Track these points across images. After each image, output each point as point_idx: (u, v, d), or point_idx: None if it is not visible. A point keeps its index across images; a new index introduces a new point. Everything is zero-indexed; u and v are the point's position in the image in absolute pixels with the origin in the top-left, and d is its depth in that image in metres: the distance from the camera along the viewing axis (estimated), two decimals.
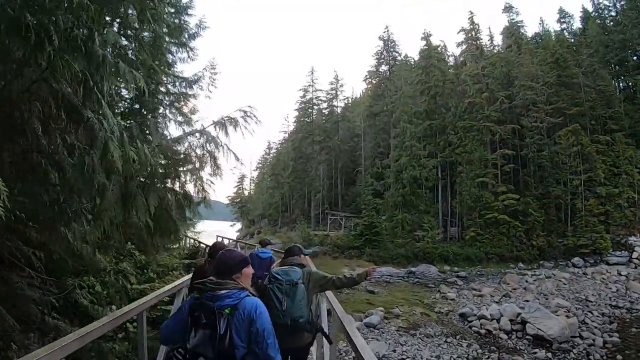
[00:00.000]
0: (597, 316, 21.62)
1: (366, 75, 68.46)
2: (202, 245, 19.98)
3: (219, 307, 2.56)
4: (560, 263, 36.04)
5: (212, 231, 38.38)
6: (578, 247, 36.89)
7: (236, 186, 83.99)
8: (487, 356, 15.94)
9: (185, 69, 15.71)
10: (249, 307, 2.64)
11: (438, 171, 44.23)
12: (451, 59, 59.44)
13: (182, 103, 15.26)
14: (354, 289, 23.91)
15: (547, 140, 42.53)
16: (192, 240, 22.83)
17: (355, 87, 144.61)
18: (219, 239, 25.11)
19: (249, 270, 2.93)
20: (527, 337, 18.01)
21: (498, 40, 61.00)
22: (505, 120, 43.25)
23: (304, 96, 63.93)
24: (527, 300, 23.89)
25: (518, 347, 17.21)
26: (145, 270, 10.41)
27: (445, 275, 31.17)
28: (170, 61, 14.74)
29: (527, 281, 29.55)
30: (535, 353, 16.49)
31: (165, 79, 14.27)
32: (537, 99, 43.53)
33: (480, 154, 40.70)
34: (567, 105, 43.66)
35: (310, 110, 63.12)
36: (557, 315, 19.76)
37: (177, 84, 15.23)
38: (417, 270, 31.76)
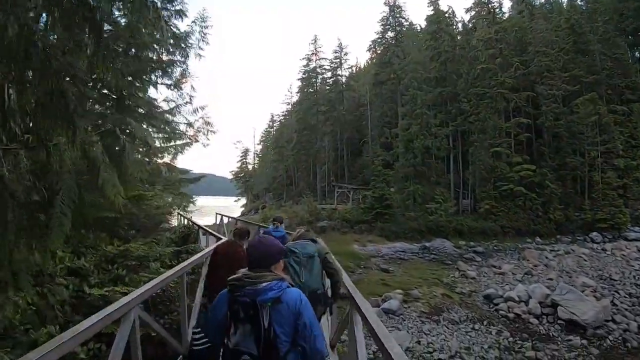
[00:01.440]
0: (625, 297, 20.19)
1: (370, 45, 65.37)
2: (195, 227, 15.97)
3: (262, 302, 2.44)
4: (578, 238, 34.58)
5: (213, 207, 36.73)
6: (596, 222, 35.64)
7: (239, 160, 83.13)
8: (519, 345, 14.44)
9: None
10: (293, 299, 2.53)
11: (449, 141, 42.14)
12: (460, 25, 57.04)
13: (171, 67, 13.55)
14: (367, 267, 22.46)
15: (564, 109, 40.56)
16: (185, 221, 20.01)
17: (359, 57, 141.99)
18: (220, 218, 23.35)
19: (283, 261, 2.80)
20: (560, 321, 16.48)
21: (506, 7, 59.16)
22: (520, 87, 41.08)
23: (307, 65, 61.89)
24: (550, 279, 22.57)
25: (551, 333, 15.71)
26: (112, 265, 8.14)
27: (461, 251, 29.44)
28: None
29: (546, 257, 28.14)
30: (570, 340, 15.04)
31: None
32: (552, 66, 41.60)
33: (495, 123, 38.60)
34: (584, 73, 41.74)
35: (313, 80, 61.23)
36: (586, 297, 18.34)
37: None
38: (432, 245, 30.02)
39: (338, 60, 62.16)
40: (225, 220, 23.32)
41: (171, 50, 13.48)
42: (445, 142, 41.06)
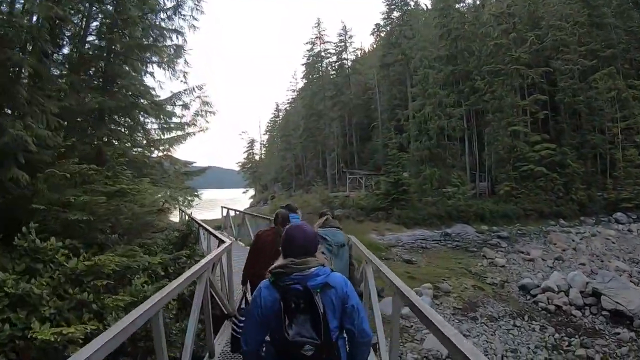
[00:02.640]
0: None
1: (374, 29, 64.82)
2: (196, 224, 13.16)
3: (313, 287, 2.39)
4: (602, 219, 32.99)
5: (219, 200, 35.36)
6: (620, 201, 34.15)
7: (246, 151, 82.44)
8: (566, 342, 13.05)
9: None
10: (340, 283, 2.54)
11: (464, 121, 40.43)
12: (468, 0, 55.36)
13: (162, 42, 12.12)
14: (388, 258, 21.09)
15: (582, 84, 38.71)
16: (186, 218, 17.27)
17: (363, 42, 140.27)
18: (225, 211, 21.91)
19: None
20: (604, 312, 15.00)
21: None
22: (535, 63, 39.22)
23: (311, 49, 60.64)
24: (582, 264, 21.20)
25: (596, 326, 14.30)
26: (80, 286, 5.93)
27: (484, 236, 27.75)
28: None
29: (573, 240, 26.62)
30: (618, 334, 13.65)
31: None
32: (568, 40, 39.59)
33: (512, 100, 36.86)
34: (600, 47, 39.94)
35: (318, 65, 59.96)
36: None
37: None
38: (453, 231, 28.46)
39: (343, 43, 60.73)
40: (232, 213, 21.96)
41: (163, 24, 12.17)
42: (460, 122, 39.35)
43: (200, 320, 4.93)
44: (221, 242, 8.02)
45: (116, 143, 11.09)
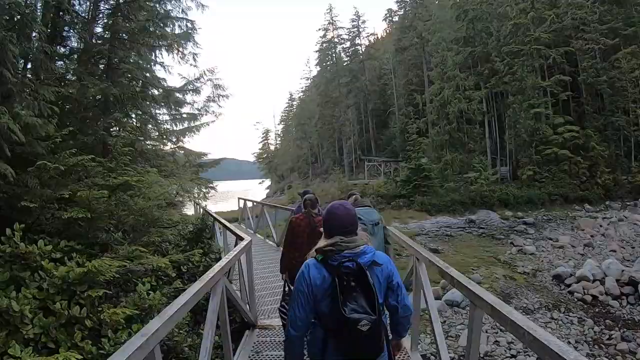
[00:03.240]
0: None
1: (386, 14, 64.83)
2: (211, 218, 12.19)
3: (364, 264, 2.45)
4: (628, 203, 31.57)
5: (235, 192, 34.90)
6: None
7: (261, 142, 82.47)
8: (606, 335, 12.40)
9: None
10: (385, 260, 2.62)
11: (483, 104, 39.40)
12: None
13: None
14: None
15: (604, 64, 37.34)
16: (200, 211, 16.87)
17: (375, 27, 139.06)
18: (242, 202, 21.47)
19: None
20: None
21: None
22: (554, 43, 38.04)
23: (324, 36, 60.07)
24: (613, 251, 20.29)
25: (635, 317, 13.58)
26: (72, 298, 4.91)
27: (510, 223, 26.87)
28: None
29: (601, 225, 25.58)
30: None
31: None
32: (588, 19, 38.31)
33: (533, 82, 35.77)
34: (622, 25, 38.56)
35: (332, 51, 59.50)
36: None
37: None
38: (477, 218, 27.58)
39: (356, 29, 60.30)
40: (249, 204, 21.48)
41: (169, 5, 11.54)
42: (480, 106, 38.39)
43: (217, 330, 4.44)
44: (239, 238, 7.33)
45: (123, 134, 10.45)
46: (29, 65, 7.84)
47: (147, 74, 10.95)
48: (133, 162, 8.85)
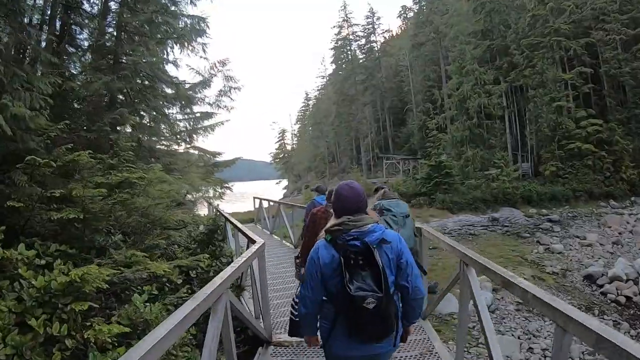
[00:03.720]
0: None
1: (400, 11, 64.36)
2: (222, 218, 11.12)
3: (371, 243, 2.46)
4: None
5: (252, 193, 34.39)
6: None
7: (277, 142, 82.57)
8: None
9: None
10: (395, 238, 2.61)
11: (503, 99, 38.42)
12: None
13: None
14: (436, 248, 19.85)
15: (626, 55, 36.17)
16: (214, 211, 15.36)
17: (390, 25, 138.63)
18: (257, 202, 20.94)
19: None
20: None
21: None
22: (574, 34, 36.96)
23: (339, 33, 59.58)
24: None
25: None
26: (54, 312, 4.18)
27: (534, 220, 26.03)
28: None
29: (628, 222, 24.85)
30: None
31: None
32: (608, 8, 37.17)
33: (554, 74, 34.82)
34: None
35: (347, 48, 59.06)
36: None
37: None
38: (501, 215, 26.80)
39: (371, 26, 60.02)
40: (265, 204, 20.89)
41: None
42: (500, 100, 37.47)
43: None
44: (250, 241, 6.48)
45: (129, 130, 9.91)
46: (27, 59, 7.44)
47: (155, 69, 10.41)
48: (139, 159, 8.28)
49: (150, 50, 9.64)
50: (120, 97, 8.75)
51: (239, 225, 8.52)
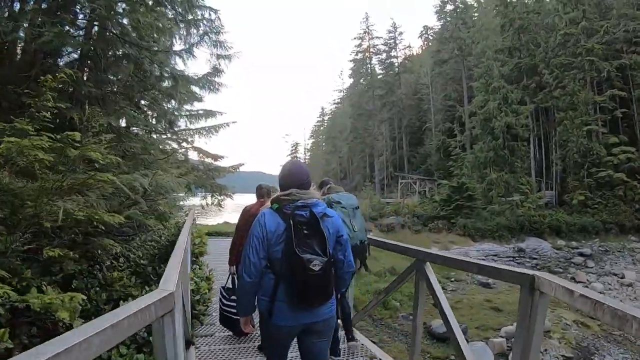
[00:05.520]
0: None
1: (422, 31, 64.44)
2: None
3: (317, 213, 2.58)
4: None
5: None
6: None
7: (290, 154, 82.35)
8: None
9: None
10: (335, 215, 2.74)
11: (529, 120, 36.43)
12: None
13: None
14: (459, 280, 17.66)
15: None
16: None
17: (411, 43, 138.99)
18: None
19: None
20: None
21: None
22: (607, 55, 35.10)
23: (359, 45, 58.74)
24: None
25: None
26: None
27: (564, 253, 23.87)
28: None
29: None
30: None
31: None
32: None
33: (586, 96, 32.79)
34: None
35: (367, 61, 57.88)
36: None
37: None
38: (527, 246, 24.66)
39: (392, 40, 59.17)
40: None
41: None
42: (527, 121, 35.41)
43: None
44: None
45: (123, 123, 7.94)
46: None
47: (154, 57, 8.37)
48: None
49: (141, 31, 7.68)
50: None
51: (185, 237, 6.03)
